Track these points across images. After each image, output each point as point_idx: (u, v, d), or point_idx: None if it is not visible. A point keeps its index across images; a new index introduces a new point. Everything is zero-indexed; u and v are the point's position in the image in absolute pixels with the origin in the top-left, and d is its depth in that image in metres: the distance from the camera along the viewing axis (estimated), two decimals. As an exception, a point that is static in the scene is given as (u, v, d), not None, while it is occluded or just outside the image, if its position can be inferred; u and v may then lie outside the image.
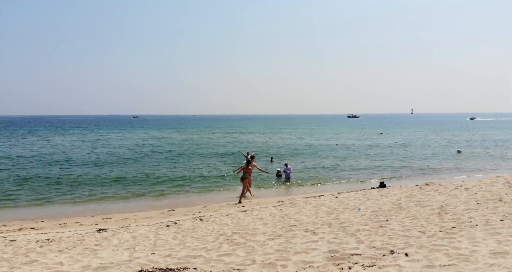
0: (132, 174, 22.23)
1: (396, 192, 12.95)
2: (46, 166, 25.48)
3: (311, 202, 12.62)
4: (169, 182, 19.85)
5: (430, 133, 62.37)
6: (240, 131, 75.89)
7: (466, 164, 25.91)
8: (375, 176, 21.28)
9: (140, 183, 19.49)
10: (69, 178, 20.79)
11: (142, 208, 14.42)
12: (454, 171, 22.99)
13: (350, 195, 13.72)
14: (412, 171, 23.18)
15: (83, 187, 18.36)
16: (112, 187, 18.54)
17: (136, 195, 16.86)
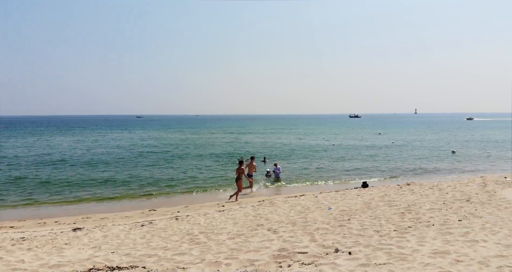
0: (123, 174, 22.44)
1: (373, 192, 13.05)
2: (40, 166, 25.75)
3: (289, 202, 12.75)
4: (158, 182, 20.04)
5: (429, 134, 62.30)
6: (239, 132, 76.07)
7: (460, 165, 25.88)
8: (364, 177, 21.35)
9: (129, 183, 19.68)
10: (60, 178, 21.01)
11: (125, 208, 14.63)
12: (445, 172, 23.00)
13: (329, 195, 13.83)
14: (403, 172, 23.21)
15: (72, 188, 18.58)
16: (100, 187, 18.75)
17: (122, 195, 17.04)
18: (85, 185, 19.20)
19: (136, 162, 28.35)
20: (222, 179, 20.97)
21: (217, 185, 19.30)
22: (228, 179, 20.69)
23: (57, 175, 21.98)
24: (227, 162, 28.00)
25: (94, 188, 18.56)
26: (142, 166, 26.27)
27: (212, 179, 21.19)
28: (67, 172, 23.10)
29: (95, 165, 26.30)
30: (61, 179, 20.71)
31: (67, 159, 29.40)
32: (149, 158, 31.14)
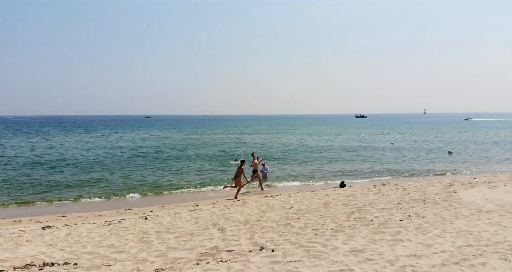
0: (114, 174, 22.85)
1: (344, 192, 13.22)
2: (35, 166, 26.32)
3: (260, 201, 13.00)
4: (145, 182, 20.40)
5: (431, 134, 61.90)
6: (242, 132, 76.33)
7: (453, 166, 25.68)
8: (350, 178, 21.44)
9: (116, 183, 20.06)
10: (51, 178, 21.48)
11: (104, 207, 14.97)
12: (435, 173, 22.89)
13: (303, 194, 14.02)
14: (392, 173, 23.04)
15: (59, 187, 19.01)
16: (87, 187, 19.14)
17: (103, 195, 17.41)
18: (73, 185, 19.61)
19: (130, 162, 28.77)
20: (210, 179, 21.26)
21: (201, 185, 19.58)
22: (215, 179, 21.01)
23: (48, 175, 22.47)
24: (221, 162, 28.29)
25: (80, 188, 18.96)
26: (135, 166, 26.67)
27: (199, 179, 21.48)
28: (60, 173, 23.56)
29: (89, 165, 26.77)
30: (51, 179, 21.17)
31: (64, 159, 29.97)
32: (144, 158, 31.56)
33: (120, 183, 20.37)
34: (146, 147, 41.69)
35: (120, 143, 47.30)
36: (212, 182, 20.22)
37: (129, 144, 46.32)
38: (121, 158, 31.40)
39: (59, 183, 20.31)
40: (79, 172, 23.98)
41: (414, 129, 76.36)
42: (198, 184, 19.89)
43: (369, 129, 78.61)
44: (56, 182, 20.57)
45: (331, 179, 21.14)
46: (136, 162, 28.96)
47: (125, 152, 36.51)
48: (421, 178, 20.55)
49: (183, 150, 38.89)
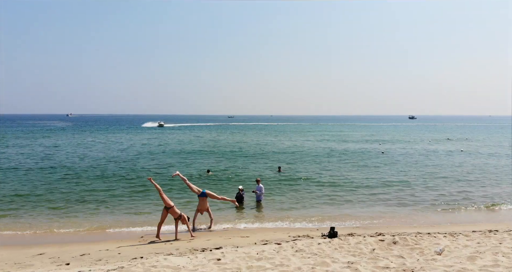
0: (83, 185, 18.90)
1: (318, 252, 7.53)
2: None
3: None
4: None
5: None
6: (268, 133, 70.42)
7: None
8: (356, 211, 15.20)
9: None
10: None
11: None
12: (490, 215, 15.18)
13: (255, 249, 8.53)
14: (428, 207, 15.82)
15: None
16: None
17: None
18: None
19: (120, 167, 24.80)
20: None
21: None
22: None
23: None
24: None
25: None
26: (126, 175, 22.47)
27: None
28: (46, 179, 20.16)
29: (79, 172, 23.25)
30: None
31: (56, 164, 26.79)
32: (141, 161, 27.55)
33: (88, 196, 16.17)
34: (144, 151, 37.85)
35: (120, 146, 44.13)
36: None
37: (131, 147, 42.92)
38: (116, 162, 27.60)
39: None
40: (60, 181, 20.33)
41: (495, 136, 65.38)
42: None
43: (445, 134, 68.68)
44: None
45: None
46: (127, 168, 24.96)
47: (121, 157, 32.82)
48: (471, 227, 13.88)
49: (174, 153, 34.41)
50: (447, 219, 13.86)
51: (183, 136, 61.62)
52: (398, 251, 7.76)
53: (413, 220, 13.71)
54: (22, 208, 14.93)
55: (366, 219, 13.70)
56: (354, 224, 13.06)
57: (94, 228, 12.73)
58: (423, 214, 14.51)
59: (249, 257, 7.90)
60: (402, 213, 14.58)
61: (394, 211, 14.89)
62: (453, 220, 13.76)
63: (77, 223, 13.27)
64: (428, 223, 13.12)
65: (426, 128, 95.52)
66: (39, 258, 9.41)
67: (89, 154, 33.70)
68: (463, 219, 13.91)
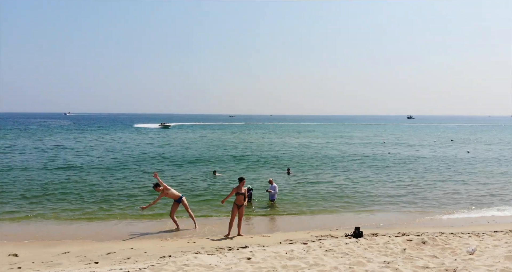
0: (81, 187, 18.71)
1: (353, 251, 7.54)
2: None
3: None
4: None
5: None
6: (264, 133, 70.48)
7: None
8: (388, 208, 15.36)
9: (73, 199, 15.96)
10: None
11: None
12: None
13: (284, 249, 8.53)
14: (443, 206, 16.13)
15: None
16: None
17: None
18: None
19: (108, 170, 24.56)
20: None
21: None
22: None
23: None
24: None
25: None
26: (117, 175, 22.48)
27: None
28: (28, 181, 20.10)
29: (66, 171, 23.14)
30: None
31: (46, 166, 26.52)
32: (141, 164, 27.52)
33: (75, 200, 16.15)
34: (138, 152, 37.82)
35: (121, 145, 44.08)
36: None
37: (127, 148, 42.91)
38: (109, 164, 27.57)
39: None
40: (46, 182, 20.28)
41: (494, 137, 65.43)
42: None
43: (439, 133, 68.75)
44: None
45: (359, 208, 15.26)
46: (118, 169, 24.92)
47: (115, 158, 32.78)
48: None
49: (175, 153, 34.38)
50: (464, 219, 13.87)
51: (186, 135, 61.57)
52: (430, 251, 7.77)
53: (430, 220, 13.72)
54: (37, 208, 14.85)
55: (383, 219, 13.69)
56: (373, 224, 13.06)
57: (111, 227, 12.72)
58: (438, 214, 14.52)
59: (280, 257, 7.90)
60: (417, 214, 14.59)
61: (409, 212, 14.90)
62: (469, 220, 13.77)
63: (94, 222, 13.25)
64: (446, 224, 13.12)
65: (427, 129, 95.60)
66: (65, 256, 9.39)
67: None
68: (479, 220, 13.93)
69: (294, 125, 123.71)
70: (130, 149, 37.62)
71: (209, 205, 15.51)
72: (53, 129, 72.63)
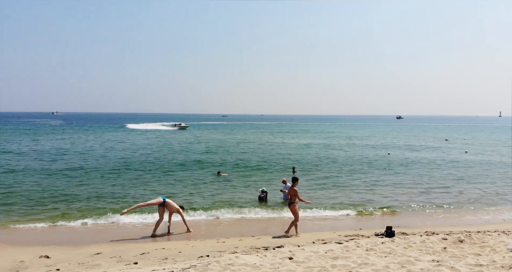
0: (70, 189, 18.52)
1: (395, 250, 7.63)
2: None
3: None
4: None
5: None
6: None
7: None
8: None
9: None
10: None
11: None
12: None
13: (322, 249, 8.59)
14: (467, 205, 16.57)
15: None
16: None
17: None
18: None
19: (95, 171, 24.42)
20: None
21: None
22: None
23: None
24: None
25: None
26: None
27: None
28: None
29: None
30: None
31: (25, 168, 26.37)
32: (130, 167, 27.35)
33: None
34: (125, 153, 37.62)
35: (108, 145, 43.76)
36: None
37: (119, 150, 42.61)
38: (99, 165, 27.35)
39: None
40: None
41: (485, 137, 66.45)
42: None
43: (430, 133, 69.50)
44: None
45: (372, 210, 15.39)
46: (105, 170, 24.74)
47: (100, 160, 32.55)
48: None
49: (167, 157, 34.30)
50: (483, 218, 14.11)
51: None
52: (470, 249, 7.90)
53: (450, 218, 13.95)
54: (59, 209, 14.67)
55: (401, 220, 13.79)
56: (393, 224, 13.15)
57: (131, 228, 12.65)
58: (456, 213, 14.75)
59: (323, 256, 7.95)
60: (435, 213, 14.79)
61: (423, 211, 15.05)
62: (487, 218, 14.01)
63: (118, 222, 13.14)
64: (466, 223, 13.34)
65: (420, 129, 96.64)
66: (99, 257, 9.33)
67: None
68: (497, 217, 14.18)
69: (289, 125, 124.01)
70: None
71: (218, 204, 15.52)
72: (47, 128, 71.63)
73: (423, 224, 13.01)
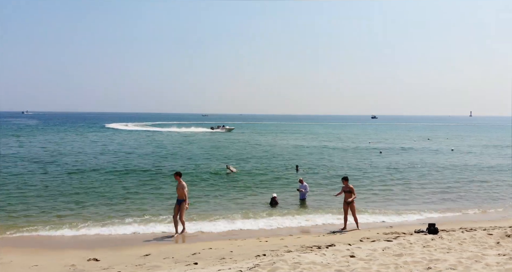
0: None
1: (450, 247, 7.90)
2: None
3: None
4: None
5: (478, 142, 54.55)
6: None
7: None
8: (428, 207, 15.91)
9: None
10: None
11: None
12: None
13: (374, 250, 8.72)
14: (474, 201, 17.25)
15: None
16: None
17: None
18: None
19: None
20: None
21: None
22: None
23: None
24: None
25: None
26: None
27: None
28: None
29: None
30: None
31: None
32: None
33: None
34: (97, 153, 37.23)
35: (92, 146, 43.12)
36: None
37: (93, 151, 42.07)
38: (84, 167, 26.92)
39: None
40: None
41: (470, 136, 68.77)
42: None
43: (413, 132, 71.35)
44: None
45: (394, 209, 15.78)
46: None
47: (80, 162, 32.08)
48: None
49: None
50: (500, 214, 14.72)
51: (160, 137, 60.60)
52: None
53: (470, 216, 14.45)
54: (86, 211, 14.36)
55: (419, 218, 14.17)
56: (416, 221, 13.53)
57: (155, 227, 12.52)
58: (473, 211, 15.29)
59: (385, 254, 8.11)
60: (451, 211, 15.26)
61: (433, 210, 15.43)
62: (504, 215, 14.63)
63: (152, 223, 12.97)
64: (485, 219, 13.87)
65: (399, 128, 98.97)
66: (151, 259, 9.20)
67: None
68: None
69: (265, 125, 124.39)
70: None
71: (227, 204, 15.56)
72: (31, 128, 69.33)
73: (446, 221, 13.39)
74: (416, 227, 11.65)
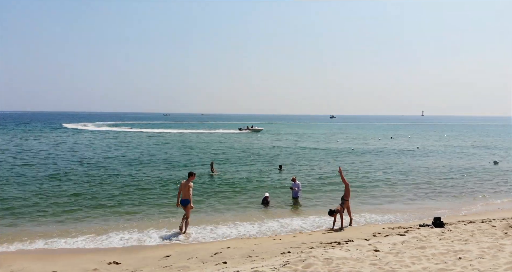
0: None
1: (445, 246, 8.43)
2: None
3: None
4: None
5: (448, 139, 57.60)
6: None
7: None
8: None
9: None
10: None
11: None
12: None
13: (394, 244, 9.13)
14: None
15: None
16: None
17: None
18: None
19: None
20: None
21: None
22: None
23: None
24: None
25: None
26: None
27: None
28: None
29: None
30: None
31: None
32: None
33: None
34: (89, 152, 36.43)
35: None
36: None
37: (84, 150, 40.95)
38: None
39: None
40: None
41: (428, 133, 72.15)
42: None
43: (380, 132, 73.86)
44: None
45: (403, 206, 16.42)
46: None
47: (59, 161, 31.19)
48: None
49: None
50: (484, 207, 15.71)
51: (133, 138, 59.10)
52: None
53: (458, 209, 15.31)
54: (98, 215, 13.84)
55: (407, 211, 14.91)
56: (409, 219, 14.14)
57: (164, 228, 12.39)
58: (459, 204, 16.22)
59: (407, 247, 8.53)
60: (442, 205, 16.07)
61: (425, 204, 16.30)
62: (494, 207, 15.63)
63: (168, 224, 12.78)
64: (478, 211, 14.77)
65: (359, 128, 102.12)
66: (174, 260, 9.10)
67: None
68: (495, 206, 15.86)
69: (229, 124, 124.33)
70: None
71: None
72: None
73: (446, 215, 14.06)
74: (415, 223, 12.26)
